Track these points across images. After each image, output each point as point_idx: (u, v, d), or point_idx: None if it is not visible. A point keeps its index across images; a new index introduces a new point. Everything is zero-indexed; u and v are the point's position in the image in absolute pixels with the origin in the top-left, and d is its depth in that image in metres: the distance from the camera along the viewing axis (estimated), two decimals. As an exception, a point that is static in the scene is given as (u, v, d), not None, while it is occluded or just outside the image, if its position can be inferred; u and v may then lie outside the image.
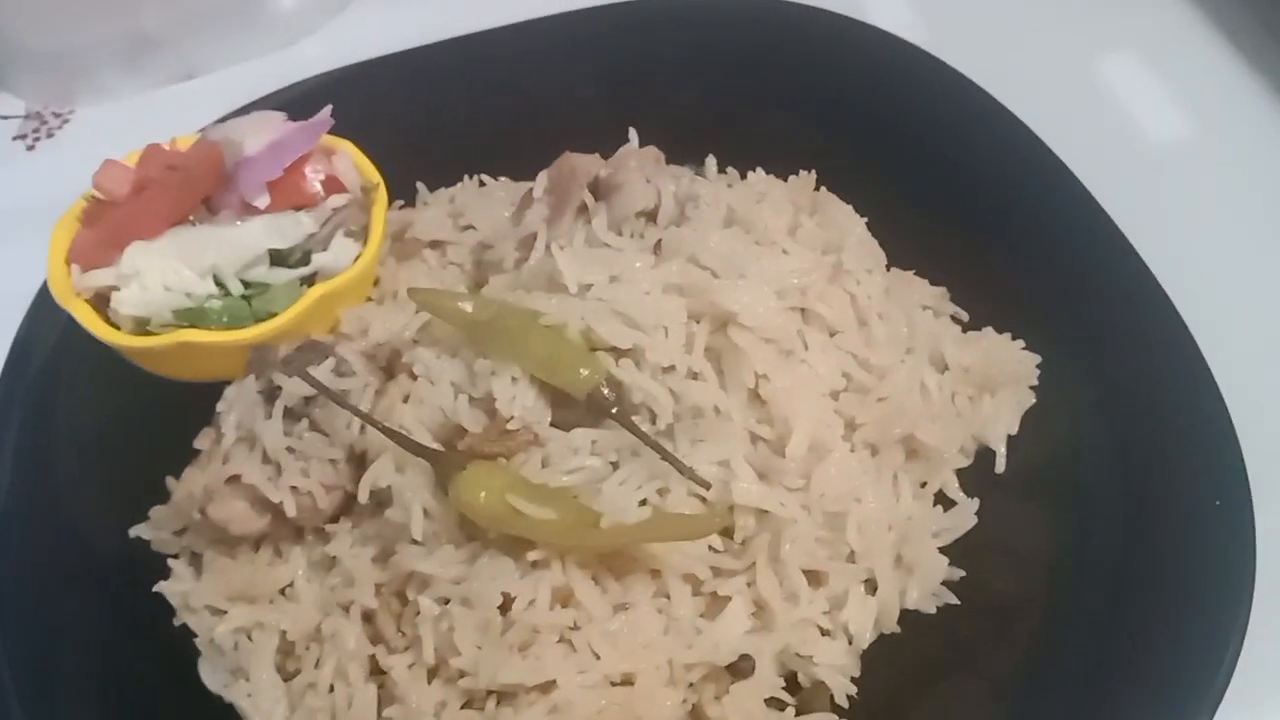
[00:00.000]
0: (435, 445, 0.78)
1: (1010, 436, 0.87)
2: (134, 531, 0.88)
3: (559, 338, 0.78)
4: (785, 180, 0.95)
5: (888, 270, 0.94)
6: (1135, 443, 0.85)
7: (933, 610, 0.81)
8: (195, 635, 0.83)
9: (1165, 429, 0.85)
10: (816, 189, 0.94)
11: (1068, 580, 0.82)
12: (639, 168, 0.85)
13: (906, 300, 0.91)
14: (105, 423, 0.97)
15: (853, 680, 0.77)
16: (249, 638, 0.81)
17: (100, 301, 0.90)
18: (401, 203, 1.05)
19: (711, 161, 1.01)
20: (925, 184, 1.01)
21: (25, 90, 1.30)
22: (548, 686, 0.71)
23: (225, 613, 0.82)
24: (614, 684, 0.72)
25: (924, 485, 0.85)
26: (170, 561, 0.86)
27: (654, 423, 0.78)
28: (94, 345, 0.90)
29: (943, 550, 0.82)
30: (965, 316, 0.95)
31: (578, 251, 0.83)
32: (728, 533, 0.77)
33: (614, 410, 0.76)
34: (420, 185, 1.07)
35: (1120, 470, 0.85)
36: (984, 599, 0.82)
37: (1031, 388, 0.89)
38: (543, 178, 0.90)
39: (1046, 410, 0.89)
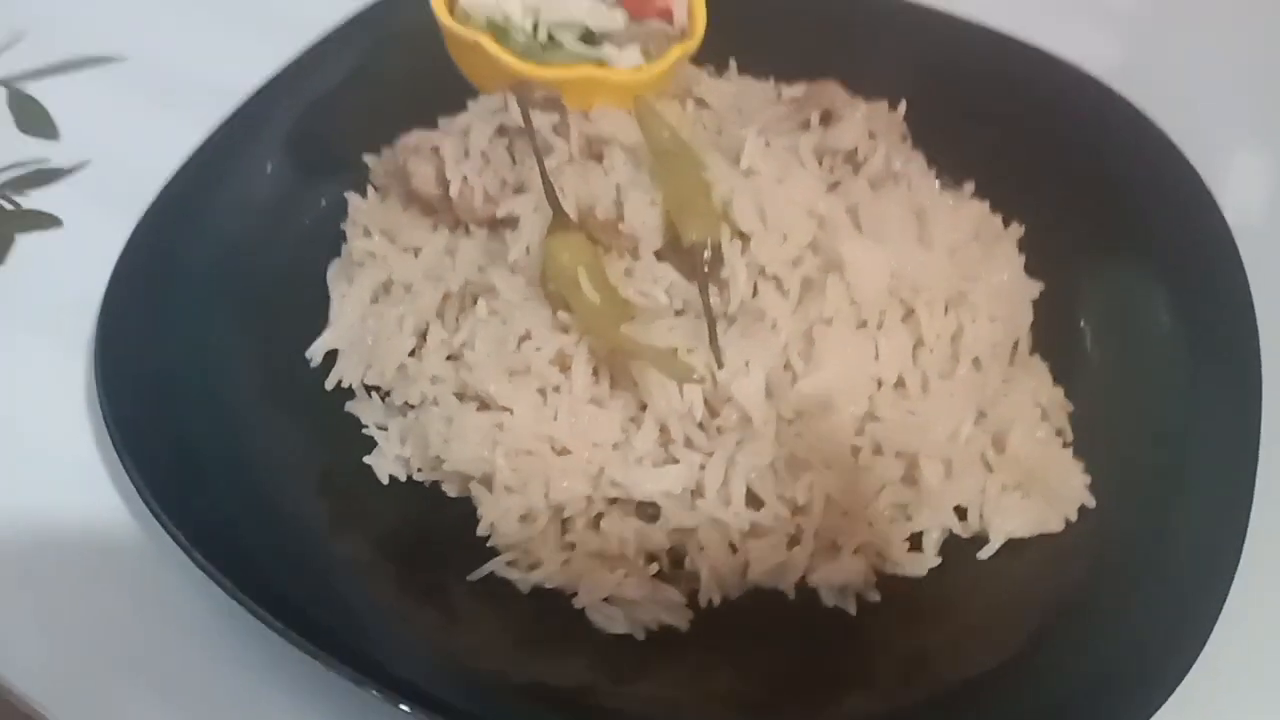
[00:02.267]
0: (569, 212, 0.92)
1: (1011, 540, 0.87)
2: (366, 157, 1.10)
3: (703, 192, 0.88)
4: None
5: (1031, 354, 0.95)
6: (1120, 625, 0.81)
7: (830, 605, 0.84)
8: (344, 241, 1.04)
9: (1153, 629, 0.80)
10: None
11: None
12: (867, 118, 0.92)
13: (1020, 384, 0.92)
14: (393, 83, 1.17)
15: (723, 599, 0.84)
16: (371, 261, 1.00)
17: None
18: (712, 68, 1.18)
19: (969, 189, 1.05)
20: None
21: None
22: (507, 407, 0.84)
23: (371, 237, 1.02)
24: (551, 448, 0.84)
25: (909, 519, 0.87)
26: (369, 188, 1.08)
27: (725, 303, 0.87)
28: (424, 31, 1.09)
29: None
30: (1070, 437, 0.93)
31: (771, 149, 0.92)
32: (714, 414, 0.85)
33: (702, 269, 0.86)
34: (733, 61, 1.19)
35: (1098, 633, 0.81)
36: (874, 636, 0.83)
37: (1067, 520, 0.88)
38: (800, 87, 0.99)
39: (1065, 548, 0.87)
